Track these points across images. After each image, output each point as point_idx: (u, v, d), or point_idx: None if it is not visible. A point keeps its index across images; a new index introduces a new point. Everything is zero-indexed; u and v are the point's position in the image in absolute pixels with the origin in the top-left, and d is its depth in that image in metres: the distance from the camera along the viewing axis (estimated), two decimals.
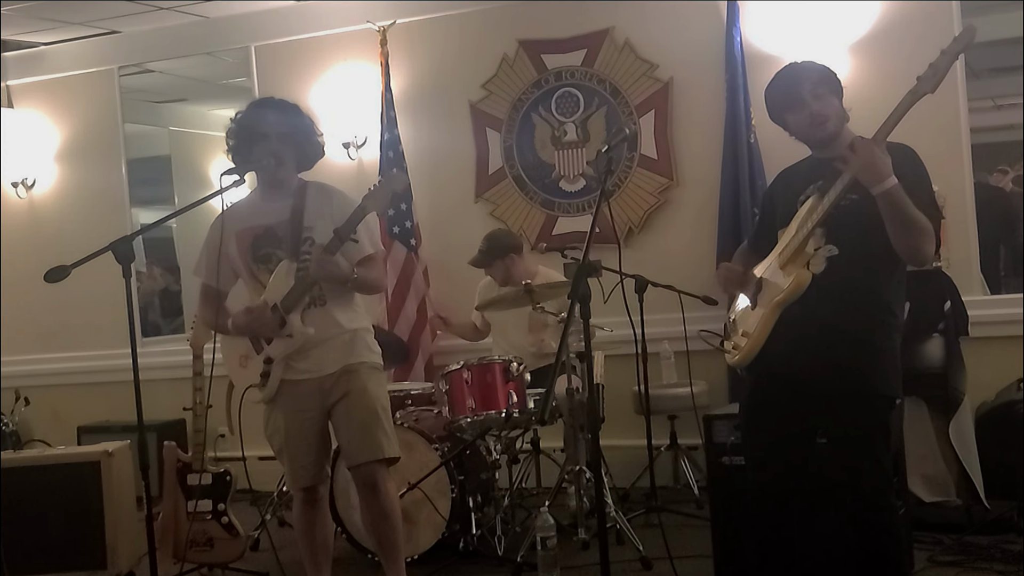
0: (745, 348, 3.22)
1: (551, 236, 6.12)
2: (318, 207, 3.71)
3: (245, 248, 3.74)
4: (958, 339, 4.93)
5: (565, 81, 6.18)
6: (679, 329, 4.49)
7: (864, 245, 3.03)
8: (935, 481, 4.82)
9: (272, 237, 3.71)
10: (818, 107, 3.14)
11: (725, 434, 4.00)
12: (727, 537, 3.99)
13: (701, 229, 5.85)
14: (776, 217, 3.31)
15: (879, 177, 2.87)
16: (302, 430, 3.73)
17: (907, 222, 2.92)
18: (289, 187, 3.77)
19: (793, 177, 3.33)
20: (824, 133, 3.16)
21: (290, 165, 3.76)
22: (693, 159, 5.96)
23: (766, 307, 3.16)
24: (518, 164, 6.28)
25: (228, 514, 4.52)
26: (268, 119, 3.70)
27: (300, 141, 3.77)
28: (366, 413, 3.67)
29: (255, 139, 3.69)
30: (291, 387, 3.71)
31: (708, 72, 5.85)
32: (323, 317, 3.68)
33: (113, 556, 4.52)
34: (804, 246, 3.11)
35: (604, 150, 3.12)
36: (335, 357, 3.70)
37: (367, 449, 3.66)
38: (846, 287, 3.05)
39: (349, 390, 3.68)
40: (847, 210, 3.01)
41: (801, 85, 3.15)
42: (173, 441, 4.74)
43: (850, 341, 3.07)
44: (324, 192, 3.79)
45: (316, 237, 3.65)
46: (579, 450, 4.75)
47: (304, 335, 3.64)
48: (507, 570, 4.41)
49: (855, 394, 3.09)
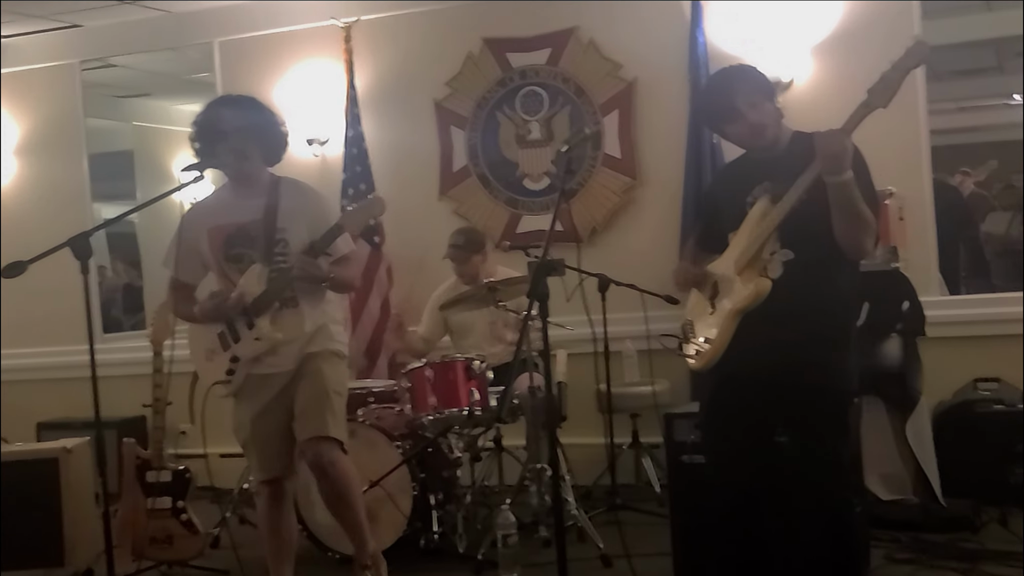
0: (707, 354, 3.23)
1: (515, 235, 6.13)
2: (292, 207, 3.72)
3: (217, 246, 3.74)
4: (916, 339, 4.98)
5: (530, 80, 6.18)
6: (641, 328, 4.50)
7: (818, 246, 3.04)
8: (892, 479, 4.87)
9: (245, 237, 3.72)
10: (755, 117, 3.14)
11: (686, 432, 4.02)
12: (686, 535, 4.00)
13: (664, 228, 5.87)
14: (722, 217, 3.32)
15: (841, 168, 2.88)
16: (266, 422, 3.76)
17: (855, 214, 2.95)
18: (261, 183, 3.77)
19: (736, 177, 3.33)
20: (764, 141, 3.18)
21: (255, 159, 3.76)
22: (657, 159, 5.98)
23: (726, 315, 3.17)
24: (482, 162, 6.29)
25: (187, 511, 4.49)
26: (226, 116, 3.71)
27: (261, 134, 3.77)
28: (315, 392, 3.71)
29: (216, 137, 3.69)
30: (257, 381, 3.75)
31: (672, 72, 5.87)
32: (294, 318, 3.72)
33: (71, 553, 4.49)
34: (760, 252, 3.11)
35: (564, 149, 3.12)
36: (301, 351, 3.75)
37: (312, 426, 3.69)
38: (802, 288, 3.06)
39: (304, 372, 3.74)
40: (798, 212, 3.02)
41: (735, 96, 3.14)
42: (132, 438, 4.71)
43: (808, 340, 3.09)
44: (298, 191, 3.80)
45: (289, 239, 3.67)
46: (541, 448, 4.76)
47: (272, 340, 3.66)
48: (468, 568, 4.41)
49: (814, 391, 3.11)
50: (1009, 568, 3.96)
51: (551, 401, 3.44)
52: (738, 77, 3.20)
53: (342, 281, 3.82)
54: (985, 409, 5.01)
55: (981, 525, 4.49)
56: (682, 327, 3.43)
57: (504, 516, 4.32)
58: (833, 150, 2.88)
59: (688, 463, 3.98)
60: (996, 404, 5.02)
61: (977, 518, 4.51)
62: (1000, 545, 4.23)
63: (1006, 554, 4.10)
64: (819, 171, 2.92)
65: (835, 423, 3.18)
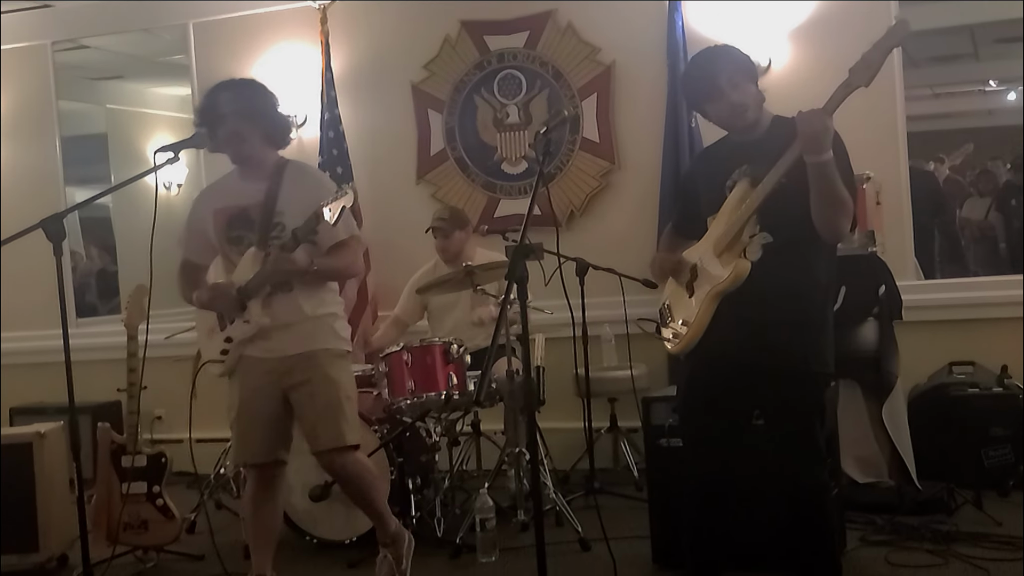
0: (685, 337, 3.23)
1: (493, 218, 6.12)
2: (291, 191, 3.71)
3: (220, 228, 3.76)
4: (892, 323, 5.00)
5: (508, 63, 6.16)
6: (620, 312, 4.51)
7: (797, 229, 3.05)
8: (868, 462, 4.90)
9: (245, 219, 3.73)
10: (737, 97, 3.15)
11: (663, 416, 4.03)
12: (664, 518, 4.02)
13: (642, 213, 5.88)
14: (701, 201, 3.32)
15: (821, 148, 2.89)
16: (253, 406, 3.76)
17: (833, 196, 2.96)
18: (266, 167, 3.77)
19: (715, 160, 3.34)
20: (744, 122, 3.18)
21: (253, 142, 3.73)
22: (635, 143, 5.98)
23: (705, 297, 3.18)
24: (460, 146, 6.26)
25: (163, 496, 4.46)
26: (222, 99, 3.70)
27: (259, 117, 3.74)
28: (328, 401, 3.70)
29: (215, 122, 3.68)
30: (250, 364, 3.75)
31: (650, 56, 5.87)
32: (288, 303, 3.70)
33: (45, 539, 4.45)
34: (740, 235, 3.12)
35: (543, 132, 3.11)
36: (296, 342, 3.71)
37: (329, 437, 3.70)
38: (781, 271, 3.07)
39: (311, 377, 3.71)
40: (777, 195, 3.02)
41: (718, 76, 3.14)
42: (107, 423, 4.67)
43: (786, 323, 3.10)
44: (301, 175, 3.79)
45: (286, 222, 3.66)
46: (519, 432, 4.76)
47: (260, 324, 3.66)
48: (446, 552, 4.41)
49: (792, 373, 3.12)
50: (983, 550, 4.00)
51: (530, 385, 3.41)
52: (722, 57, 3.20)
53: (330, 271, 3.75)
54: (960, 392, 5.04)
55: (956, 507, 4.52)
56: (660, 311, 3.43)
57: (482, 500, 4.32)
58: (814, 129, 2.88)
59: (666, 447, 4.00)
60: (971, 387, 5.05)
61: (952, 500, 4.54)
62: (974, 527, 4.26)
63: (980, 536, 4.14)
64: (799, 152, 2.92)
65: (812, 406, 3.20)
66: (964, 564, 3.88)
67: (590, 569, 4.12)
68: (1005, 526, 4.28)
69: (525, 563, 4.18)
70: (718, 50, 3.24)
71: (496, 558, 4.31)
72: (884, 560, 3.98)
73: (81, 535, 3.22)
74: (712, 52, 3.24)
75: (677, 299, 3.34)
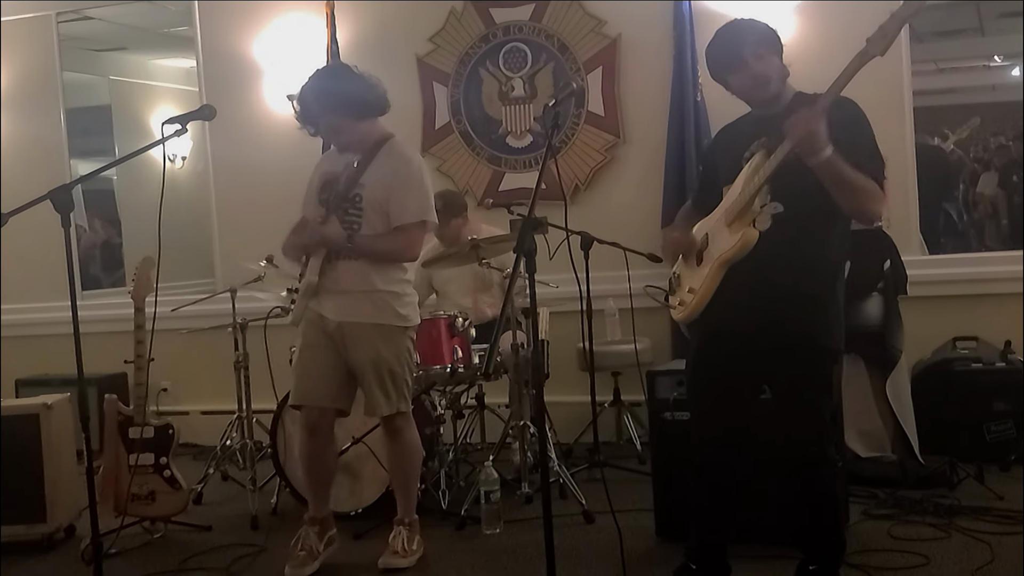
0: (691, 304, 3.24)
1: (497, 192, 6.12)
2: (378, 171, 3.89)
3: (316, 190, 4.01)
4: (897, 298, 5.01)
5: (513, 36, 6.14)
6: (624, 286, 4.51)
7: (808, 202, 3.05)
8: (871, 437, 4.92)
9: (334, 184, 3.94)
10: (760, 68, 3.14)
11: (668, 390, 4.04)
12: (668, 491, 4.04)
13: (647, 187, 5.87)
14: (719, 174, 3.32)
15: (815, 149, 2.88)
16: (311, 357, 3.97)
17: (847, 187, 2.94)
18: (368, 141, 3.95)
19: (735, 134, 3.33)
20: (767, 94, 3.16)
21: (349, 128, 3.91)
22: (640, 117, 5.97)
23: (712, 264, 3.18)
24: (465, 119, 6.25)
25: (170, 467, 4.48)
26: (310, 97, 3.91)
27: (346, 103, 3.86)
28: (376, 373, 3.89)
29: (312, 120, 3.95)
30: (312, 318, 3.96)
31: (656, 30, 5.85)
32: (353, 269, 3.88)
33: (53, 510, 4.47)
34: (751, 204, 3.12)
35: (551, 104, 3.10)
36: (356, 309, 3.88)
37: (377, 405, 3.93)
38: (791, 243, 3.07)
39: (363, 348, 3.89)
40: (791, 167, 3.01)
41: (742, 46, 3.13)
42: (114, 394, 4.69)
43: (795, 296, 3.09)
44: (391, 154, 3.94)
45: (365, 195, 3.87)
46: (523, 406, 4.78)
47: (309, 281, 3.88)
48: (451, 524, 4.44)
49: (800, 347, 3.12)
50: (985, 523, 4.01)
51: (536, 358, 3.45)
52: (747, 29, 3.19)
53: (373, 250, 3.88)
54: (963, 367, 5.06)
55: (958, 481, 4.54)
56: (669, 279, 3.44)
57: (487, 473, 4.34)
58: (803, 134, 2.88)
59: (670, 420, 4.01)
60: (974, 363, 5.07)
61: (954, 475, 4.56)
62: (976, 501, 4.28)
63: (982, 510, 4.16)
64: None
65: (819, 381, 3.20)
66: (966, 538, 3.89)
67: (594, 541, 4.15)
68: (1007, 500, 4.30)
69: (530, 535, 4.21)
70: (744, 22, 3.23)
71: (500, 530, 4.33)
72: (887, 533, 4.00)
73: (89, 506, 3.23)
74: (738, 24, 3.23)
75: (686, 267, 3.35)
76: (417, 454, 4.11)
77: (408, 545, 4.00)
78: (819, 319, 3.13)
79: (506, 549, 4.14)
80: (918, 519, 4.14)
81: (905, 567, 3.62)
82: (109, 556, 4.06)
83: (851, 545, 3.55)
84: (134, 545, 4.43)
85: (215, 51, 6.60)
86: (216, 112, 3.61)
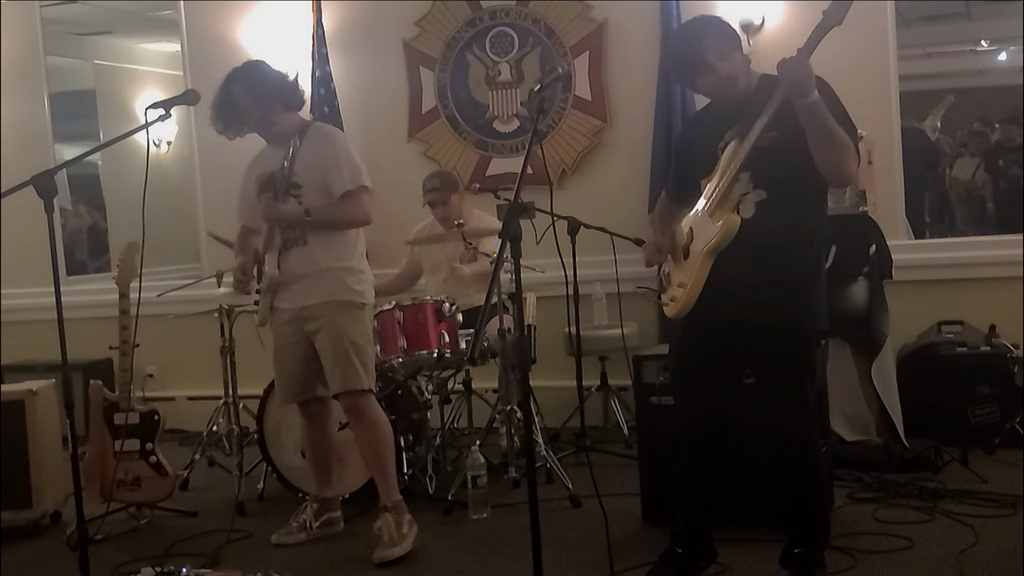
0: (682, 298, 3.23)
1: (484, 177, 6.11)
2: (308, 153, 3.97)
3: (256, 193, 4.05)
4: (882, 282, 5.02)
5: (500, 20, 6.12)
6: (611, 271, 4.52)
7: (789, 186, 3.06)
8: (856, 420, 4.94)
9: (272, 183, 3.99)
10: (727, 69, 3.14)
11: (654, 374, 4.06)
12: (654, 475, 4.05)
13: (634, 171, 5.87)
14: (694, 165, 3.32)
15: (804, 90, 2.90)
16: (283, 353, 4.09)
17: (828, 134, 2.96)
18: (290, 132, 4.02)
19: (706, 122, 3.34)
20: (735, 91, 3.18)
21: (279, 119, 4.00)
22: (627, 101, 5.96)
23: (699, 256, 3.18)
24: (452, 104, 6.24)
25: (156, 453, 4.48)
26: (235, 92, 3.93)
27: (275, 96, 3.97)
28: (336, 349, 3.94)
29: (241, 116, 3.95)
30: (277, 314, 4.05)
31: (643, 14, 5.83)
32: (304, 255, 3.96)
33: (38, 496, 4.46)
34: (730, 192, 3.12)
35: (537, 89, 3.10)
36: (312, 292, 3.96)
37: (339, 382, 3.96)
38: (776, 228, 3.08)
39: (323, 326, 3.96)
40: (768, 151, 3.02)
41: (705, 50, 3.13)
42: (99, 380, 4.67)
43: (778, 280, 3.10)
44: (317, 138, 4.02)
45: (302, 181, 3.95)
46: (511, 390, 4.78)
47: (271, 276, 3.97)
48: (438, 508, 4.44)
49: (783, 331, 3.13)
50: (969, 507, 4.04)
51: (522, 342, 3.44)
52: (705, 30, 3.19)
53: (331, 219, 3.95)
54: (948, 351, 5.08)
55: (942, 465, 4.57)
56: (659, 279, 3.43)
57: (474, 457, 4.35)
58: (797, 75, 2.90)
59: (656, 404, 4.03)
60: (959, 347, 5.09)
61: (939, 458, 4.58)
62: (960, 484, 4.30)
63: (966, 493, 4.18)
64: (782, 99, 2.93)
65: (803, 364, 3.21)
66: (950, 521, 3.91)
67: (581, 525, 4.16)
68: (991, 483, 4.32)
69: (516, 520, 4.22)
70: (700, 23, 3.23)
71: (487, 515, 4.35)
72: (871, 517, 4.01)
73: (75, 492, 3.23)
74: (694, 26, 3.24)
75: (674, 264, 3.35)
76: (387, 431, 4.09)
77: (397, 531, 3.96)
78: (802, 303, 3.14)
79: (493, 533, 4.15)
80: (903, 502, 4.16)
81: (890, 550, 3.64)
82: (95, 542, 4.05)
83: (836, 528, 3.57)
84: (120, 531, 4.42)
85: (200, 35, 6.56)
86: (200, 97, 3.62)
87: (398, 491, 4.09)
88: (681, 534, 3.42)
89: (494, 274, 2.94)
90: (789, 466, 3.26)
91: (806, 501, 3.26)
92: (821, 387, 3.96)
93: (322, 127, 4.16)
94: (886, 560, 3.56)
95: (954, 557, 3.54)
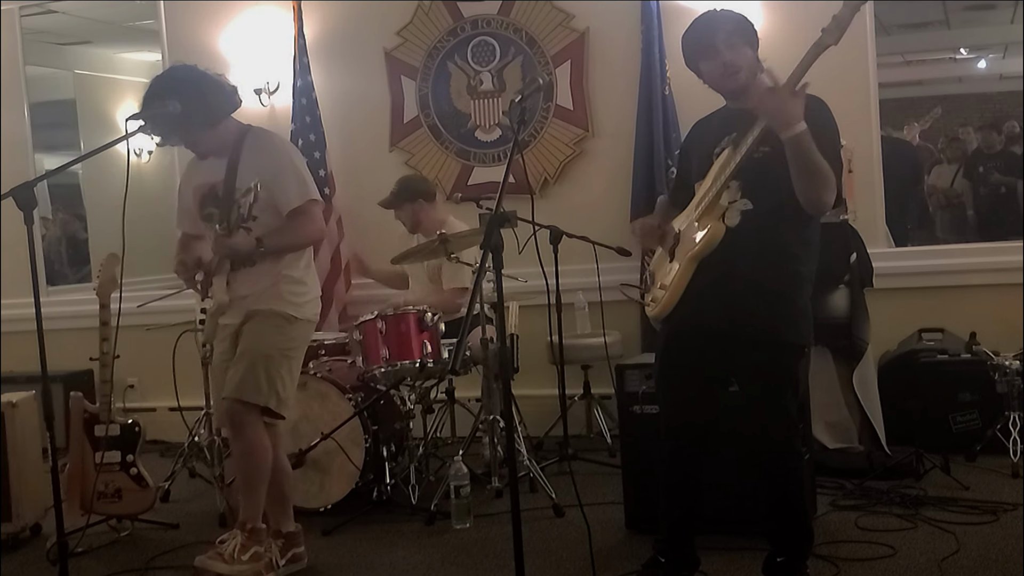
0: (663, 301, 3.24)
1: (467, 186, 6.11)
2: (249, 163, 3.71)
3: (196, 207, 3.82)
4: (863, 290, 5.04)
5: (481, 30, 6.13)
6: (593, 280, 4.53)
7: (777, 198, 3.06)
8: (838, 428, 4.95)
9: (214, 196, 3.75)
10: (731, 56, 3.15)
11: (637, 383, 4.06)
12: (637, 484, 4.05)
13: (616, 180, 5.88)
14: (692, 170, 3.33)
15: (788, 122, 2.91)
16: (219, 371, 3.85)
17: (811, 169, 2.96)
18: (227, 141, 3.77)
19: (707, 129, 3.35)
20: (735, 83, 3.18)
21: (203, 134, 3.74)
22: (609, 110, 5.97)
23: (682, 261, 3.19)
24: (433, 113, 6.24)
25: (137, 465, 4.45)
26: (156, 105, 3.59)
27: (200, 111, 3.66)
28: (244, 350, 3.73)
29: (168, 130, 3.72)
30: (221, 331, 3.84)
31: (624, 23, 5.85)
32: (250, 275, 3.74)
33: (18, 508, 4.43)
34: (718, 199, 3.13)
35: (518, 100, 3.10)
36: (252, 304, 3.76)
37: (231, 385, 3.71)
38: (760, 240, 3.09)
39: (244, 331, 3.76)
40: (760, 164, 3.04)
41: (716, 34, 3.15)
42: (80, 392, 4.64)
43: (763, 292, 3.11)
44: (257, 146, 3.78)
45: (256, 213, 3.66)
46: (493, 400, 4.77)
47: (219, 301, 3.72)
48: (421, 519, 4.43)
49: (766, 343, 3.14)
50: (951, 514, 4.05)
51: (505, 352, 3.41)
52: (723, 18, 3.21)
53: (284, 244, 3.73)
54: (929, 359, 5.10)
55: (924, 472, 4.58)
56: (644, 278, 3.45)
57: (457, 467, 4.34)
58: (775, 108, 2.91)
59: (639, 413, 4.03)
60: (940, 354, 5.11)
61: (920, 465, 4.59)
62: (942, 491, 4.32)
63: (948, 500, 4.20)
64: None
65: (784, 376, 3.21)
66: (932, 528, 3.93)
67: (564, 535, 4.15)
68: (972, 490, 4.34)
69: (499, 529, 4.21)
70: (721, 12, 3.25)
71: (470, 524, 4.33)
72: (854, 524, 4.03)
73: (55, 504, 3.20)
74: (714, 13, 3.25)
75: (660, 265, 3.36)
76: (261, 461, 3.76)
77: (239, 553, 3.70)
78: (786, 315, 3.14)
79: (476, 543, 4.14)
80: (885, 510, 4.17)
81: (872, 558, 3.65)
82: (75, 555, 4.04)
83: (819, 536, 3.57)
84: (101, 544, 4.38)
85: (181, 45, 6.53)
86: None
87: (261, 520, 3.80)
88: (664, 543, 3.41)
89: (476, 282, 2.94)
90: (771, 475, 3.26)
91: (789, 509, 3.26)
92: (803, 395, 3.96)
93: (261, 134, 3.85)
94: (869, 568, 3.57)
95: (936, 564, 3.55)
